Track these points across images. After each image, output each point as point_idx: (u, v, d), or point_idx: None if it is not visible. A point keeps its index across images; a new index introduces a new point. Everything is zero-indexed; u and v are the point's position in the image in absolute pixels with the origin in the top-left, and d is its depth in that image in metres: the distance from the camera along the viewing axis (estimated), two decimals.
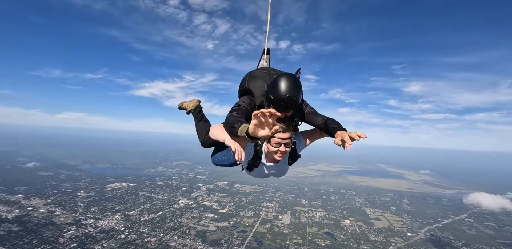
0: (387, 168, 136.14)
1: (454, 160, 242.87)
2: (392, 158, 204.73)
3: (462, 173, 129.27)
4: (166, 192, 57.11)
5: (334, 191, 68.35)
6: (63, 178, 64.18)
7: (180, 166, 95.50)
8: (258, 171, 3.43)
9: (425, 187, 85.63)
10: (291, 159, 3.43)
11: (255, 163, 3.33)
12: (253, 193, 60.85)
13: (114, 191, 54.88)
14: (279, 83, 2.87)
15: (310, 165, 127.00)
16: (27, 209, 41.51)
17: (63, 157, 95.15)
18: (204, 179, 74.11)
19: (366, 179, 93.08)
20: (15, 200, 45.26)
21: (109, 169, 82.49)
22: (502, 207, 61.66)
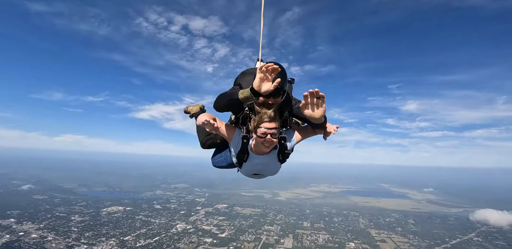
0: (390, 187, 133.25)
1: (456, 177, 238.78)
2: (394, 178, 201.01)
3: (466, 190, 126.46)
4: (164, 216, 55.30)
5: (337, 213, 66.38)
6: (57, 201, 62.41)
7: (178, 189, 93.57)
8: (248, 166, 3.48)
9: (430, 206, 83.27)
10: (282, 155, 3.43)
11: (243, 156, 3.37)
12: (253, 216, 59.00)
13: (110, 215, 53.11)
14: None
15: (311, 186, 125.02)
16: (18, 234, 39.87)
17: (59, 180, 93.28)
18: (203, 202, 72.24)
19: (369, 199, 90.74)
20: (7, 225, 43.70)
21: (106, 192, 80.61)
22: (511, 223, 59.68)
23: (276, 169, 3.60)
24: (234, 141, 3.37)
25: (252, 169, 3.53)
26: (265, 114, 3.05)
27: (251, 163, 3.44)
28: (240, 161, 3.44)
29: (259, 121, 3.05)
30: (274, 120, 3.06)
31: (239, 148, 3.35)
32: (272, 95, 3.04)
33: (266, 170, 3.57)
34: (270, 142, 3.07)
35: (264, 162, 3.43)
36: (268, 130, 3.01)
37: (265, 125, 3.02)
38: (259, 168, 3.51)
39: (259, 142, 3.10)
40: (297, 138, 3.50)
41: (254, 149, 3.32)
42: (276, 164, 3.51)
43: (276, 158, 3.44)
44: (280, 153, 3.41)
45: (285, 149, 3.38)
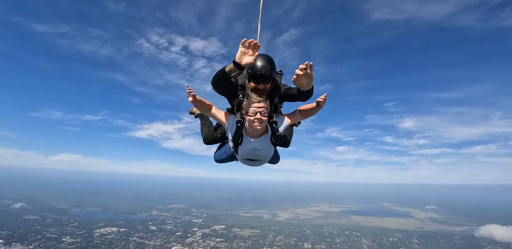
0: (392, 206, 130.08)
1: (458, 195, 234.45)
2: (395, 196, 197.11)
3: (469, 208, 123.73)
4: (159, 238, 53.20)
5: (339, 233, 64.27)
6: (49, 222, 60.12)
7: (175, 209, 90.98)
8: (244, 149, 3.79)
9: (433, 225, 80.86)
10: (274, 138, 3.76)
11: (238, 139, 3.70)
12: (252, 238, 56.93)
13: (103, 237, 51.01)
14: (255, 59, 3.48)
15: (311, 206, 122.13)
16: None
17: (52, 200, 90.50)
18: (199, 223, 69.97)
19: (371, 219, 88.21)
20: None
21: (100, 212, 77.95)
22: None
23: (269, 152, 3.88)
24: (229, 124, 3.73)
25: (247, 152, 3.82)
26: (254, 96, 3.52)
27: (246, 146, 3.75)
28: (235, 144, 3.76)
29: (249, 103, 3.49)
30: (262, 101, 3.49)
31: (233, 131, 3.68)
32: (262, 81, 3.56)
33: (260, 153, 3.83)
34: (260, 120, 3.43)
35: (258, 145, 3.73)
36: (258, 109, 3.42)
37: (254, 105, 3.44)
38: (254, 151, 3.79)
39: (250, 121, 3.46)
40: (287, 121, 3.85)
41: (249, 131, 3.65)
42: (269, 146, 3.81)
43: (269, 141, 3.77)
44: (272, 136, 3.74)
45: (277, 132, 3.72)
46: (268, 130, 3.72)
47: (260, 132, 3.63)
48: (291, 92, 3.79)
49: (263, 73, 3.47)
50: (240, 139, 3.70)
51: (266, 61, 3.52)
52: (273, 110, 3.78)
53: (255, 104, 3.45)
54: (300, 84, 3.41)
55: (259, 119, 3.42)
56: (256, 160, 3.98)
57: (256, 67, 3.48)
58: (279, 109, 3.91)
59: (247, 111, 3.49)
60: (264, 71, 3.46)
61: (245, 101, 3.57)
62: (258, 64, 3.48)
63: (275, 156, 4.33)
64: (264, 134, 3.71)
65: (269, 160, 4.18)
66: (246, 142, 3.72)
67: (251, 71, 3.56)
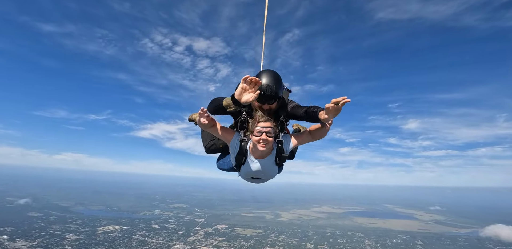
0: (395, 208, 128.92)
1: (463, 197, 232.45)
2: (399, 198, 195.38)
3: (473, 210, 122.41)
4: (161, 236, 53.29)
5: (341, 234, 63.80)
6: (53, 219, 60.57)
7: (177, 209, 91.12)
8: (246, 169, 3.57)
9: (438, 227, 79.98)
10: (278, 159, 3.50)
11: (241, 158, 3.48)
12: (254, 237, 56.77)
13: (106, 234, 51.23)
14: (259, 76, 3.22)
15: (314, 207, 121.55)
16: None
17: (55, 198, 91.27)
18: (202, 222, 69.95)
19: (375, 220, 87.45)
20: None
21: (103, 211, 78.43)
22: None
23: (273, 172, 3.67)
24: (233, 143, 3.50)
25: (249, 172, 3.61)
26: (260, 115, 3.27)
27: (248, 166, 3.53)
28: (238, 163, 3.57)
29: (255, 122, 3.25)
30: (269, 120, 3.26)
31: (237, 150, 3.47)
32: (267, 101, 3.25)
33: (263, 174, 3.62)
34: (266, 141, 3.19)
35: (262, 165, 3.51)
36: (263, 129, 3.19)
37: (260, 124, 3.21)
38: (257, 171, 3.56)
39: (255, 141, 3.23)
40: (293, 142, 3.58)
41: (252, 152, 3.45)
42: (273, 167, 3.59)
43: (274, 162, 3.53)
44: (277, 156, 3.49)
45: (282, 152, 3.47)
46: (273, 150, 3.48)
47: (266, 152, 3.42)
48: (298, 113, 3.45)
49: (268, 93, 3.14)
50: (243, 158, 3.50)
51: (272, 79, 3.19)
52: (279, 129, 3.49)
53: (261, 123, 3.21)
54: (325, 118, 3.03)
55: (264, 140, 3.19)
56: (258, 178, 3.79)
57: (260, 87, 3.11)
58: (285, 127, 3.65)
59: (252, 131, 3.27)
60: (270, 91, 3.13)
61: (250, 120, 3.36)
62: (263, 82, 3.15)
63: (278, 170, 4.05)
64: (269, 154, 3.48)
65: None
66: (249, 162, 3.52)
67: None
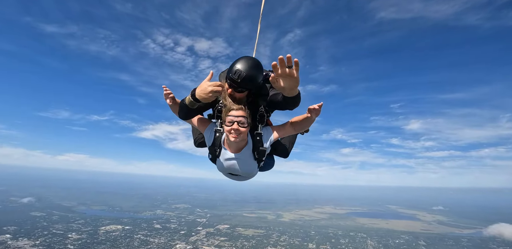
0: (398, 209, 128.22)
1: (466, 198, 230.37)
2: (401, 199, 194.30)
3: (476, 210, 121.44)
4: (163, 236, 53.33)
5: (344, 234, 63.51)
6: (55, 219, 60.88)
7: (179, 209, 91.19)
8: (222, 163, 3.23)
9: (440, 227, 79.43)
10: (257, 153, 3.15)
11: (215, 150, 3.19)
12: (256, 237, 56.67)
13: (108, 234, 51.35)
14: (234, 62, 2.83)
15: (315, 207, 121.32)
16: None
17: (58, 198, 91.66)
18: (204, 222, 69.93)
19: (377, 221, 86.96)
20: (2, 240, 42.49)
21: (105, 211, 78.71)
22: None
23: (250, 167, 3.26)
24: (207, 134, 3.25)
25: (225, 166, 3.26)
26: (231, 103, 2.93)
27: (223, 159, 3.20)
28: (213, 155, 3.27)
29: (227, 110, 2.92)
30: (241, 108, 2.90)
31: (211, 141, 3.20)
32: (237, 87, 2.86)
33: (240, 169, 3.23)
34: (238, 131, 2.85)
35: (237, 159, 3.15)
36: (235, 118, 2.84)
37: (232, 113, 2.85)
38: (232, 165, 3.21)
39: (227, 131, 2.90)
40: (274, 134, 3.23)
41: (227, 143, 3.12)
42: (251, 162, 3.20)
43: (251, 156, 3.16)
44: (254, 150, 3.14)
45: (261, 146, 3.13)
46: (248, 142, 3.13)
47: (240, 145, 3.06)
48: (276, 98, 2.97)
49: (235, 78, 2.73)
50: (217, 150, 3.19)
51: (246, 65, 2.73)
52: (258, 120, 3.17)
53: (233, 112, 2.85)
54: (281, 87, 2.59)
55: (236, 130, 2.83)
56: (237, 175, 3.40)
57: (232, 69, 2.76)
58: (265, 119, 3.23)
59: (224, 120, 2.91)
60: (237, 76, 2.71)
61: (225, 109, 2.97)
62: (236, 66, 2.74)
63: (268, 164, 3.71)
64: (244, 147, 3.11)
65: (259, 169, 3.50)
66: (224, 155, 3.18)
67: (227, 74, 2.86)
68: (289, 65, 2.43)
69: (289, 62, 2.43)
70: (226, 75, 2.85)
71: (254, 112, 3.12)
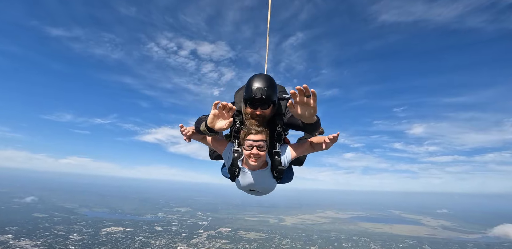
0: (402, 214, 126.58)
1: (471, 203, 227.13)
2: (405, 204, 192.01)
3: (482, 215, 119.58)
4: (164, 238, 53.06)
5: (346, 238, 62.74)
6: (57, 220, 60.89)
7: (180, 212, 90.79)
8: (241, 181, 3.29)
9: (445, 232, 78.25)
10: (276, 172, 3.19)
11: (234, 171, 3.22)
12: (258, 240, 56.20)
13: (109, 235, 51.26)
14: (250, 80, 2.95)
15: (318, 212, 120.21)
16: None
17: (60, 201, 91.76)
18: (205, 225, 69.54)
19: (380, 225, 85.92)
20: (3, 240, 42.60)
21: (107, 213, 78.58)
22: None
23: (270, 185, 3.35)
24: (225, 154, 3.27)
25: (245, 185, 3.31)
26: (251, 125, 2.92)
27: (243, 178, 3.25)
28: (232, 175, 3.30)
29: (246, 133, 2.92)
30: (261, 132, 2.90)
31: (230, 162, 3.22)
32: (259, 105, 2.93)
33: (260, 187, 3.31)
34: (257, 155, 2.89)
35: (257, 178, 3.20)
36: (254, 143, 2.85)
37: (251, 137, 2.86)
38: (252, 184, 3.26)
39: (246, 155, 2.94)
40: (292, 153, 3.25)
41: (246, 163, 3.13)
42: (271, 180, 3.27)
43: (270, 175, 3.22)
44: (273, 169, 3.18)
45: (279, 165, 3.16)
46: (268, 163, 3.16)
47: (259, 165, 3.08)
48: (296, 122, 3.01)
49: (259, 97, 2.82)
50: (237, 170, 3.22)
51: (263, 81, 2.86)
52: (276, 139, 3.18)
53: (251, 136, 2.86)
54: (298, 114, 2.69)
55: (255, 155, 2.87)
56: (256, 191, 3.47)
57: (251, 90, 2.85)
58: (283, 138, 3.24)
59: (242, 143, 2.94)
60: (260, 94, 2.81)
61: (243, 129, 3.01)
62: (254, 86, 2.84)
63: (287, 177, 3.68)
64: (264, 167, 3.15)
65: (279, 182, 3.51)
66: (243, 174, 3.22)
67: (246, 94, 2.94)
68: (307, 95, 2.64)
69: (307, 92, 2.63)
70: (246, 98, 2.93)
71: (272, 131, 3.12)
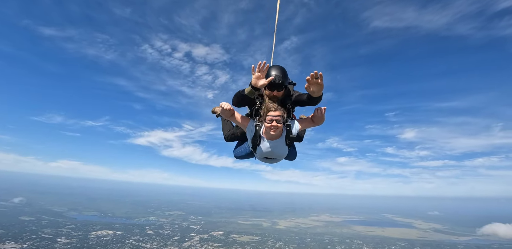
0: (394, 217, 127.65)
1: (461, 207, 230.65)
2: (397, 208, 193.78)
3: (472, 219, 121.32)
4: (156, 241, 52.07)
5: (340, 241, 62.79)
6: (45, 223, 59.10)
7: (173, 215, 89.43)
8: (261, 149, 4.32)
9: (437, 235, 79.06)
10: (288, 140, 4.26)
11: (256, 140, 4.28)
12: (251, 243, 55.72)
13: (99, 239, 50.00)
14: (269, 69, 4.11)
15: (311, 216, 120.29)
16: None
17: (48, 204, 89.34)
18: (198, 229, 68.63)
19: (373, 228, 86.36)
20: None
21: (97, 216, 76.80)
22: None
23: (284, 151, 4.37)
24: (249, 128, 4.32)
25: (264, 152, 4.33)
26: (270, 105, 4.05)
27: (263, 146, 4.28)
28: (254, 144, 4.33)
29: (266, 111, 4.03)
30: (278, 109, 4.05)
31: (252, 133, 4.29)
32: (276, 88, 4.11)
33: (275, 153, 4.32)
34: (276, 127, 4.00)
35: (274, 145, 4.25)
36: (274, 117, 3.98)
37: (271, 113, 3.99)
38: (270, 151, 4.28)
39: (267, 127, 4.03)
40: (298, 126, 4.35)
41: (265, 134, 4.22)
42: (284, 147, 4.32)
43: (284, 142, 4.27)
44: (286, 138, 4.24)
45: (290, 134, 4.25)
46: (282, 132, 4.21)
47: (277, 135, 4.14)
48: (302, 98, 4.26)
49: (277, 82, 4.02)
50: (258, 140, 4.27)
51: (279, 70, 4.08)
52: (287, 115, 4.26)
53: (272, 112, 3.99)
54: (312, 91, 3.90)
55: (275, 126, 3.98)
56: (272, 158, 4.46)
57: (270, 76, 4.02)
58: (292, 114, 4.48)
59: (264, 118, 4.05)
60: (278, 79, 4.01)
61: (263, 108, 4.14)
62: (272, 73, 4.03)
63: (292, 154, 4.87)
64: (280, 136, 4.20)
65: (286, 157, 4.69)
66: (263, 143, 4.27)
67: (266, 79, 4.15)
68: (316, 77, 3.75)
69: (317, 75, 3.73)
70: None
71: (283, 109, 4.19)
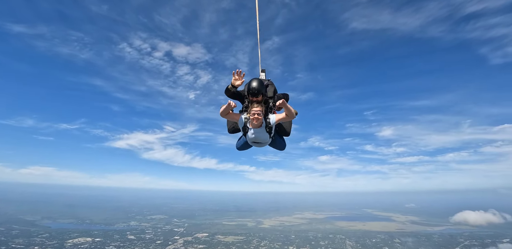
0: (374, 212, 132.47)
1: (435, 199, 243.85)
2: (377, 203, 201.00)
3: (445, 210, 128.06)
4: (137, 246, 50.68)
5: (323, 237, 64.27)
6: (15, 233, 55.67)
7: (155, 220, 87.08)
8: (249, 135, 5.83)
9: (414, 226, 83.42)
10: (267, 128, 5.74)
11: (245, 129, 5.84)
12: (236, 243, 55.77)
13: (76, 247, 47.83)
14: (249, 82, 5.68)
15: (295, 214, 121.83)
16: None
17: (19, 213, 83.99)
18: (181, 231, 67.41)
19: (355, 223, 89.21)
20: None
21: (73, 224, 73.12)
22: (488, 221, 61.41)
23: (266, 137, 5.85)
24: (240, 121, 5.84)
25: (250, 137, 5.85)
26: (254, 103, 5.57)
27: (249, 133, 5.82)
28: (244, 132, 5.91)
29: (251, 108, 5.51)
30: (259, 106, 5.52)
31: (242, 124, 5.83)
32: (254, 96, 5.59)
33: (259, 137, 5.82)
34: (257, 119, 5.47)
35: (257, 132, 5.76)
36: (256, 111, 5.44)
37: (254, 109, 5.46)
38: (254, 136, 5.79)
39: (252, 119, 5.51)
40: (276, 118, 5.76)
41: (251, 124, 5.74)
42: (265, 134, 5.80)
43: (265, 130, 5.77)
44: (266, 127, 5.74)
45: (268, 124, 5.72)
46: (263, 123, 5.69)
47: (258, 125, 5.62)
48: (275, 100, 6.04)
49: (253, 92, 5.52)
50: (246, 129, 5.83)
51: (256, 83, 5.56)
52: (269, 111, 5.88)
53: (254, 108, 5.46)
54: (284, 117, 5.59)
55: (256, 118, 5.47)
56: (259, 143, 5.96)
57: (249, 88, 5.57)
58: (273, 110, 5.98)
59: (249, 112, 5.54)
60: (253, 90, 5.51)
61: (250, 106, 5.63)
62: (251, 85, 5.54)
63: (281, 144, 6.40)
64: (260, 125, 5.70)
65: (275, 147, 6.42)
66: (250, 131, 5.81)
67: (247, 90, 5.70)
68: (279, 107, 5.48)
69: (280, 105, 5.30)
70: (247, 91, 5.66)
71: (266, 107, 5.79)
